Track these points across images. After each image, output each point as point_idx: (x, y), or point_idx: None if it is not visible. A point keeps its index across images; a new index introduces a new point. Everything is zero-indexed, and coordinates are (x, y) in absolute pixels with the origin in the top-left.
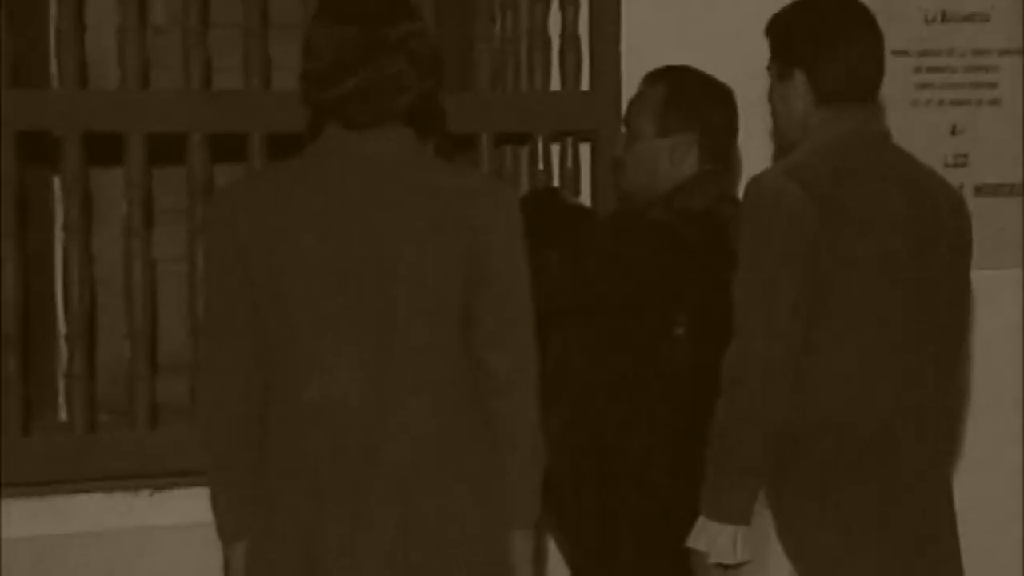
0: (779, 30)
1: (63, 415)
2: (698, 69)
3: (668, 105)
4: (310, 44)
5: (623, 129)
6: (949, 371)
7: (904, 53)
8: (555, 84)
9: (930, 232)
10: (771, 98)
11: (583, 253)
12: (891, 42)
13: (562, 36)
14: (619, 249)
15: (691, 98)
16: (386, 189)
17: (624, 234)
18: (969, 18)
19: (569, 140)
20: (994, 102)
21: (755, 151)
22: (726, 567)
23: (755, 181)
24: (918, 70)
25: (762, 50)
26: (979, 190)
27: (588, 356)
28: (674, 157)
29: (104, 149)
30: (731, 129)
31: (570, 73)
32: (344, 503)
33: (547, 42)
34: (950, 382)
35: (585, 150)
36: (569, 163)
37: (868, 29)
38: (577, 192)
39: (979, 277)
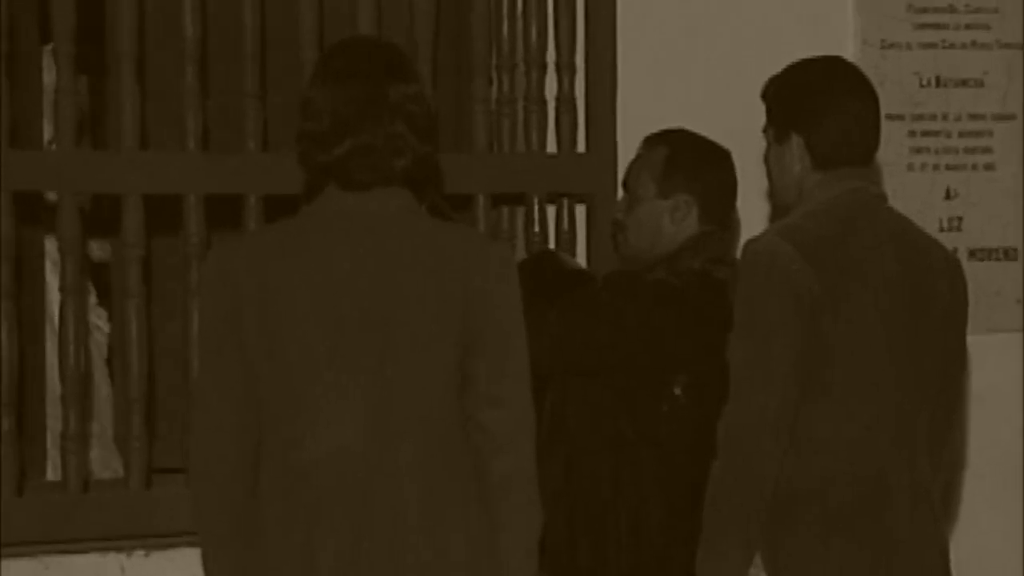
0: (775, 94)
1: (50, 475)
2: (696, 132)
3: (669, 167)
4: (308, 104)
5: (622, 192)
6: (943, 431)
7: (899, 117)
8: (551, 146)
9: (924, 292)
10: (767, 161)
11: (583, 314)
12: (886, 106)
13: (558, 99)
14: (620, 310)
15: (691, 159)
16: (383, 247)
17: (624, 295)
18: (964, 83)
19: (565, 202)
20: (988, 166)
21: (751, 213)
22: None
23: (751, 244)
24: (912, 134)
25: (758, 113)
26: (973, 254)
27: (585, 414)
28: (675, 217)
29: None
30: (730, 191)
31: (566, 135)
32: (338, 559)
33: (543, 104)
34: (943, 447)
35: (581, 212)
36: (565, 225)
37: (864, 93)
38: (573, 254)
39: (974, 341)
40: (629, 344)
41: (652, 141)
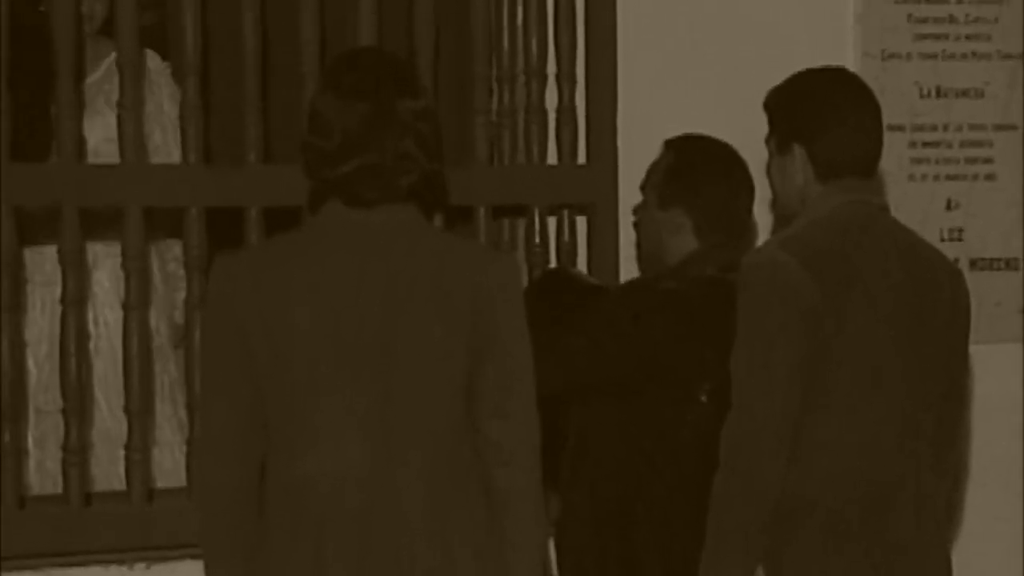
0: (777, 104)
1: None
2: (713, 138)
3: (669, 177)
4: (316, 117)
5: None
6: (947, 443)
7: (899, 127)
8: (552, 158)
9: (926, 302)
10: (769, 171)
11: (601, 334)
12: (886, 116)
13: (559, 110)
14: (637, 326)
15: (692, 172)
16: (388, 261)
17: (638, 310)
18: (964, 93)
19: (566, 213)
20: (989, 177)
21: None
22: None
23: (752, 255)
24: (913, 144)
25: (760, 123)
26: (974, 264)
27: (610, 428)
28: (671, 231)
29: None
30: (735, 202)
31: (567, 147)
32: (345, 573)
33: (544, 116)
34: (948, 454)
35: (582, 223)
36: (566, 236)
37: (866, 104)
38: (573, 265)
39: (975, 351)
40: (653, 363)
41: (666, 146)
